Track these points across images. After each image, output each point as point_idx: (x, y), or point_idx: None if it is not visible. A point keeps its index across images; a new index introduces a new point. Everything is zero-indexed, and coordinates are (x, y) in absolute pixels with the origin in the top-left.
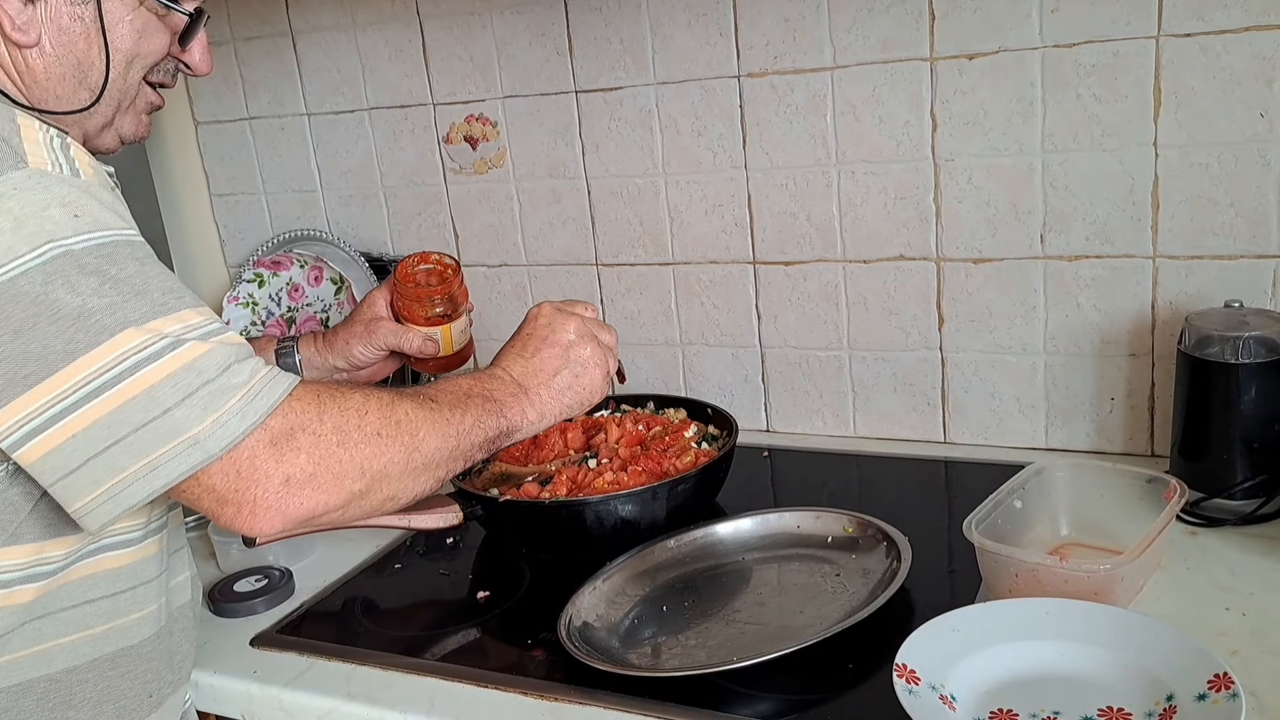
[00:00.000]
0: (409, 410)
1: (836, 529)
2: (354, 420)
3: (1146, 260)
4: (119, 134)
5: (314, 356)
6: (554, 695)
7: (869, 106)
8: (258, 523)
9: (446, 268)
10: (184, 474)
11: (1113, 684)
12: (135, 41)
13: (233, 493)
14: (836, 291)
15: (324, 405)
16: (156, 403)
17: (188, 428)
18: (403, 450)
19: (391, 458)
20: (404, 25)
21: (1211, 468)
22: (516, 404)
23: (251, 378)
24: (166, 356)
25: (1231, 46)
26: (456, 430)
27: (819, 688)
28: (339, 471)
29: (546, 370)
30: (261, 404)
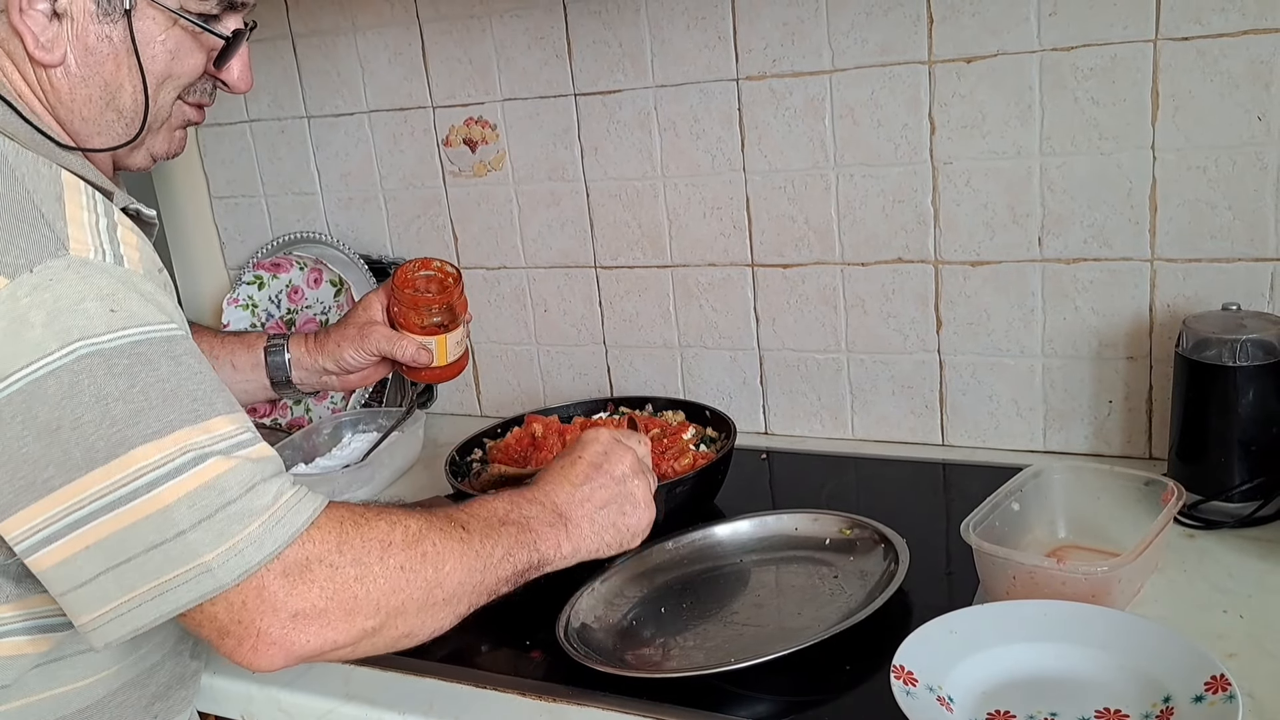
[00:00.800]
0: (436, 542)
1: (834, 531)
2: (376, 553)
3: (1144, 263)
4: (150, 153)
5: (303, 357)
6: (552, 696)
7: (867, 110)
8: (259, 658)
9: (448, 276)
10: (192, 602)
11: (1110, 685)
12: (168, 63)
13: (235, 625)
14: (835, 294)
15: (346, 534)
16: (171, 523)
17: (200, 553)
18: (423, 586)
19: (410, 594)
20: (403, 29)
21: (1209, 470)
22: (553, 535)
23: (275, 501)
24: (187, 474)
25: (1229, 50)
26: (484, 564)
27: (817, 689)
28: (352, 608)
29: (593, 502)
30: (282, 532)
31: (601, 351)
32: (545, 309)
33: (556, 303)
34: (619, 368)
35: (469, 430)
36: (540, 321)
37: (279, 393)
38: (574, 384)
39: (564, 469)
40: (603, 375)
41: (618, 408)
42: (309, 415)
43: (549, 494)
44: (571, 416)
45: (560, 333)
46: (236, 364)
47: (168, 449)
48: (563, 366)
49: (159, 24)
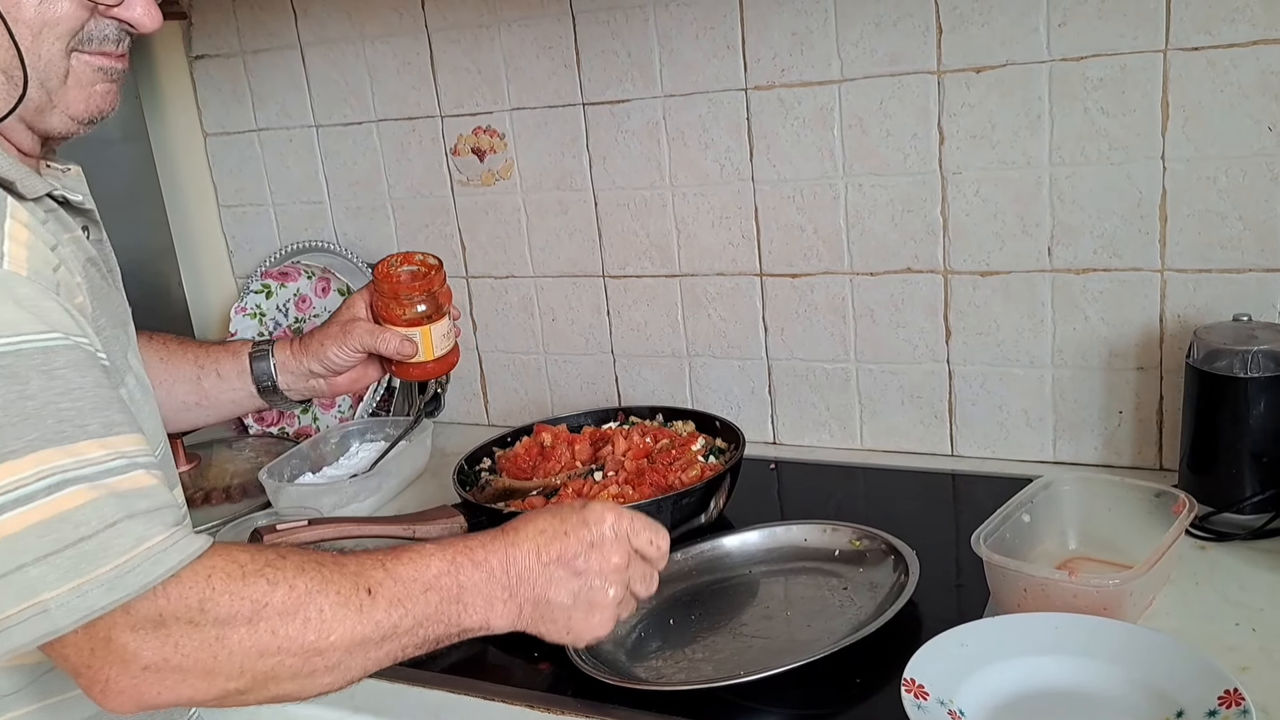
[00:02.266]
0: (325, 609)
1: (844, 542)
2: (245, 614)
3: (1154, 273)
4: (67, 114)
5: (289, 360)
6: (560, 708)
7: (876, 119)
8: (110, 703)
9: (429, 267)
10: (28, 644)
11: (1122, 699)
12: (36, 8)
13: (85, 668)
14: (843, 304)
15: (213, 590)
16: (14, 554)
17: (40, 591)
18: (299, 654)
19: (282, 660)
20: (412, 38)
21: (1220, 482)
22: (486, 610)
23: (137, 545)
24: (40, 501)
25: (1239, 61)
26: (383, 635)
27: (826, 702)
28: (212, 668)
29: (547, 588)
30: (135, 580)
31: (609, 361)
32: (553, 318)
33: (564, 312)
34: (627, 377)
35: (476, 440)
36: (548, 330)
37: (268, 400)
38: (582, 393)
39: (544, 535)
40: (610, 385)
41: (628, 417)
42: (316, 425)
43: (508, 560)
44: (581, 426)
45: (568, 342)
46: (222, 373)
47: (23, 471)
48: (570, 376)
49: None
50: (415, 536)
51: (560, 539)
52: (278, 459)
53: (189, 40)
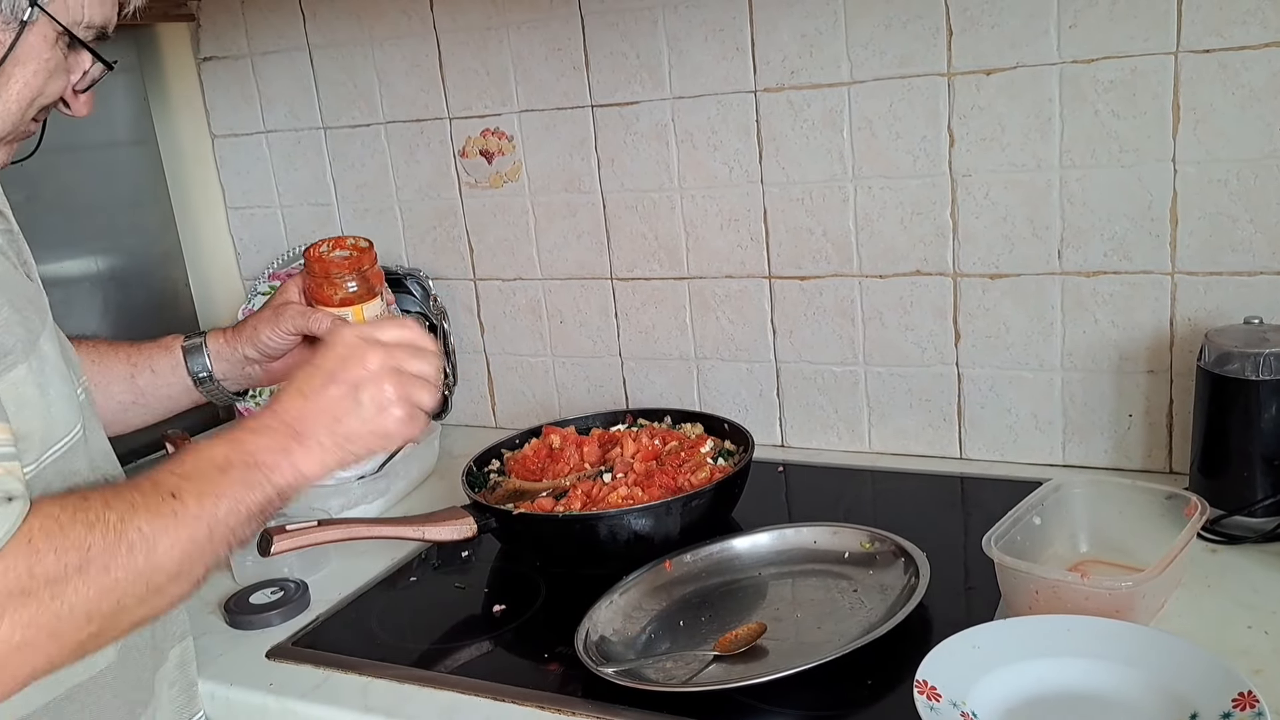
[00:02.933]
0: (142, 526)
1: (854, 544)
2: (75, 561)
3: (1165, 276)
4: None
5: (223, 348)
6: (571, 709)
7: (886, 122)
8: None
9: (360, 249)
10: None
11: (1135, 702)
12: (45, 80)
13: None
14: (852, 306)
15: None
16: None
17: None
18: (138, 579)
19: (125, 591)
20: (420, 40)
21: (1231, 485)
22: (288, 460)
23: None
24: None
25: (1251, 63)
26: (207, 526)
27: (837, 704)
28: (56, 629)
29: (329, 414)
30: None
31: (617, 363)
32: (561, 320)
33: (572, 314)
34: (635, 379)
35: (484, 442)
36: (556, 333)
37: (204, 392)
38: (589, 396)
39: (300, 380)
40: (618, 387)
41: (636, 419)
42: None
43: (279, 412)
44: (589, 428)
45: (576, 344)
46: (156, 369)
47: None
48: (578, 378)
49: (48, 41)
50: (425, 538)
51: (313, 371)
52: None
53: (197, 42)
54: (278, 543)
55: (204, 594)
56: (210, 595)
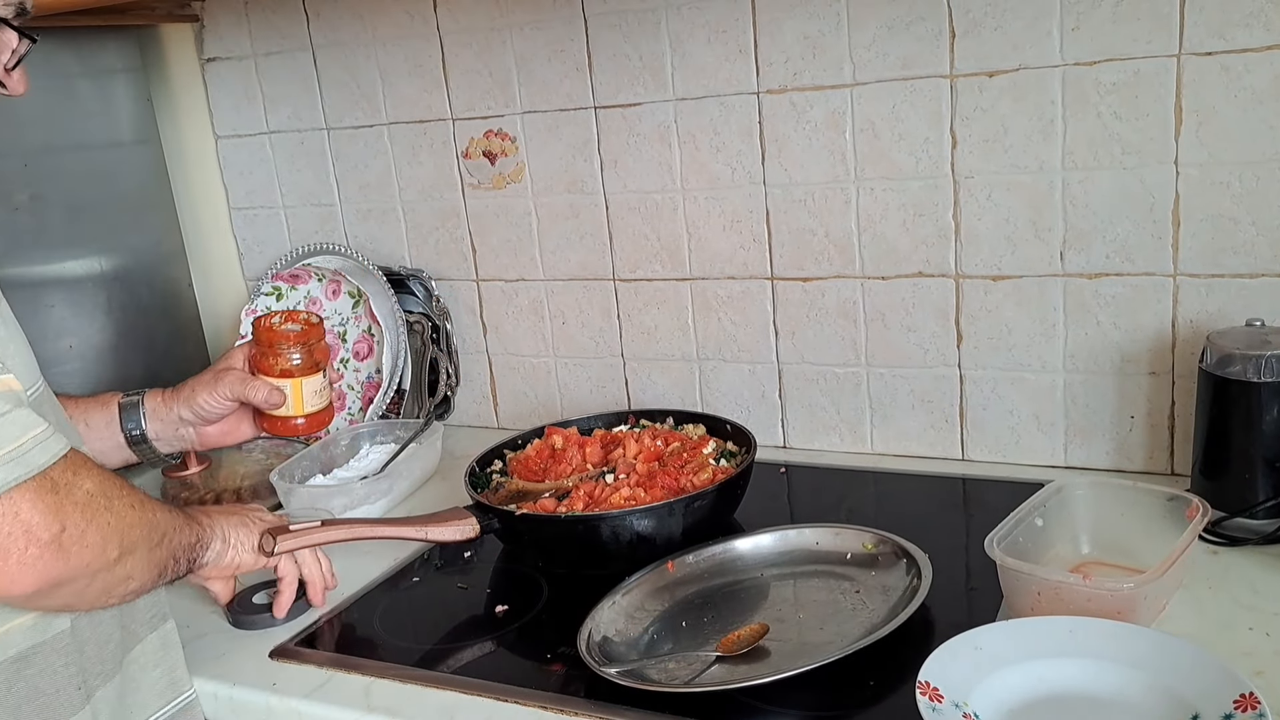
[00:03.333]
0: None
1: (856, 546)
2: (114, 490)
3: (1167, 278)
4: None
5: (159, 407)
6: (574, 710)
7: (888, 123)
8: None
9: (309, 324)
10: None
11: (1137, 703)
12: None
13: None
14: (854, 308)
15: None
16: None
17: None
18: (148, 527)
19: (142, 533)
20: (424, 40)
21: (1233, 487)
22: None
23: (26, 431)
24: None
25: (1253, 65)
26: (174, 524)
27: (840, 704)
28: (105, 534)
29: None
30: (40, 455)
31: (619, 364)
32: (563, 321)
33: (574, 315)
34: (637, 380)
35: (486, 442)
36: (558, 334)
37: (137, 452)
38: (591, 397)
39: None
40: (620, 388)
41: (639, 420)
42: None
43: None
44: (591, 429)
45: (578, 345)
46: (90, 423)
47: None
48: (580, 379)
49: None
50: (428, 539)
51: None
52: (288, 461)
53: (200, 43)
54: (281, 542)
55: (208, 595)
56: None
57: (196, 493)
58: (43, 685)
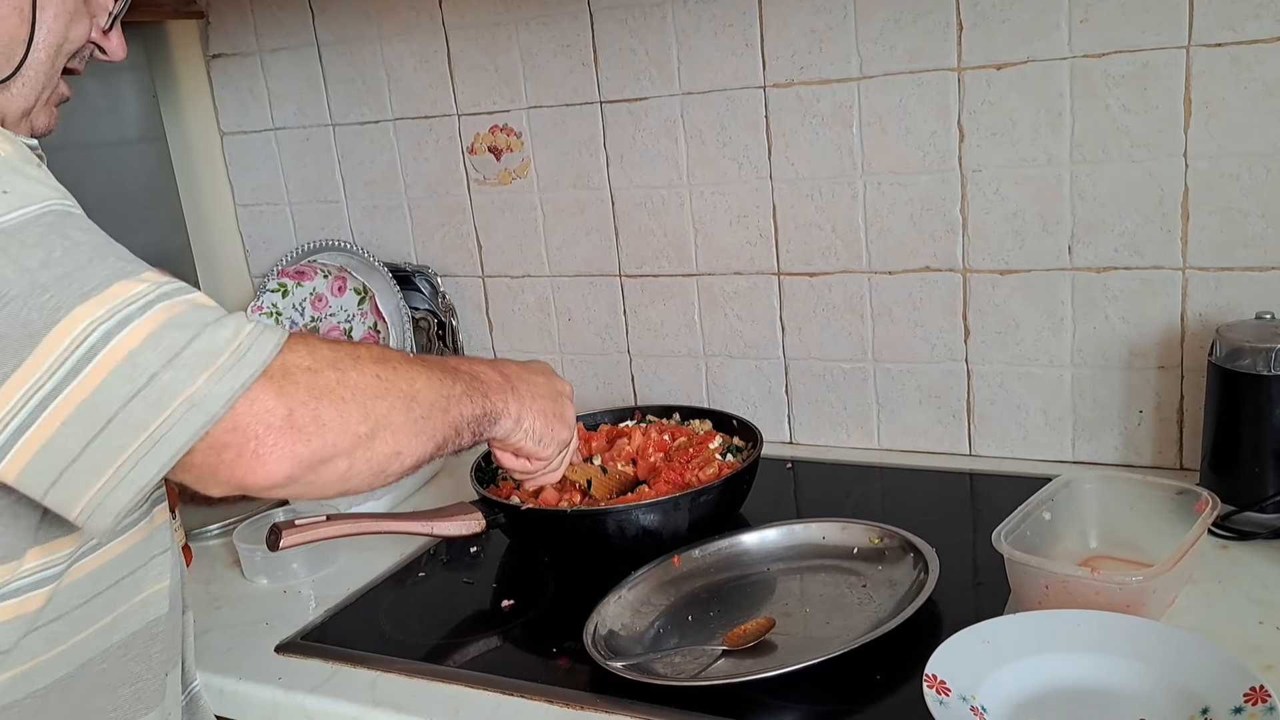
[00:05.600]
0: (399, 363)
1: (863, 540)
2: (348, 362)
3: (1176, 272)
4: (33, 126)
5: None
6: (580, 704)
7: (895, 117)
8: (263, 466)
9: None
10: (187, 443)
11: (1146, 697)
12: (66, 25)
13: (233, 448)
14: (861, 303)
15: (315, 348)
16: (140, 369)
17: (181, 389)
18: (401, 396)
19: (392, 402)
20: (429, 36)
21: (1242, 481)
22: (500, 395)
23: (238, 333)
24: (139, 320)
25: (1263, 57)
26: (448, 392)
27: (847, 698)
28: (343, 410)
29: (534, 385)
30: (255, 356)
31: (626, 360)
32: (569, 318)
33: (580, 311)
34: (643, 377)
35: None
36: (564, 330)
37: None
38: (598, 393)
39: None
40: (627, 384)
41: (645, 416)
42: None
43: (500, 366)
44: (598, 424)
45: (584, 341)
46: None
47: (111, 301)
48: (586, 375)
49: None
50: (434, 533)
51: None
52: None
53: (206, 39)
54: (286, 537)
55: (213, 590)
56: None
57: None
58: (137, 670)
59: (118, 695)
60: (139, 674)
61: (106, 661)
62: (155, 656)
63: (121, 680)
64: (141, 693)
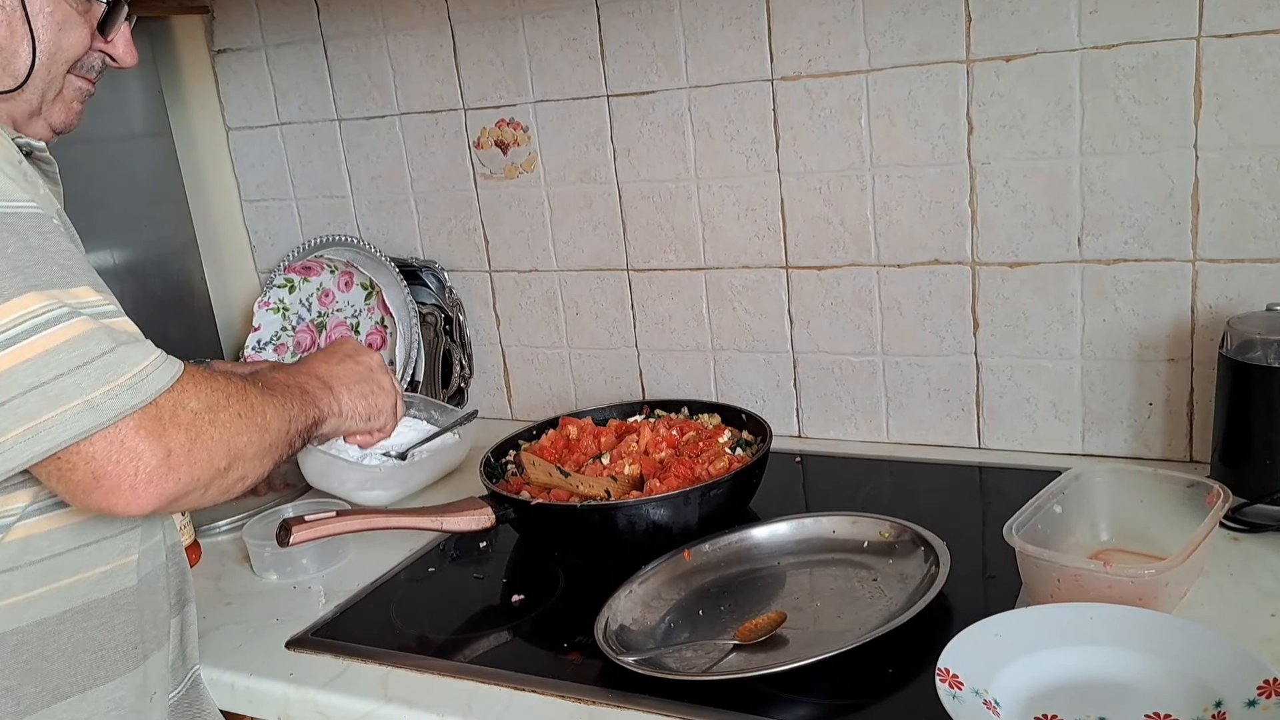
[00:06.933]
0: (255, 398)
1: (873, 534)
2: (221, 401)
3: (1186, 264)
4: (49, 123)
5: None
6: (592, 698)
7: (904, 110)
8: (135, 498)
9: None
10: (69, 440)
11: (1159, 690)
12: (56, 34)
13: (113, 465)
14: (870, 296)
15: (199, 389)
16: (50, 368)
17: (80, 394)
18: (256, 432)
19: (249, 439)
20: (435, 30)
21: (1254, 473)
22: (325, 398)
23: (144, 358)
24: (63, 324)
25: (1274, 48)
26: (289, 415)
27: (859, 692)
28: (211, 449)
29: (348, 378)
30: (152, 384)
31: (633, 355)
32: (577, 312)
33: (588, 305)
34: (651, 371)
35: (499, 434)
36: (572, 325)
37: None
38: (606, 387)
39: (320, 356)
40: (634, 378)
41: (654, 410)
42: None
43: (312, 368)
44: (606, 419)
45: (592, 336)
46: None
47: (45, 301)
48: (594, 370)
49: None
50: (444, 529)
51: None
52: None
53: (211, 34)
54: (296, 533)
55: (223, 586)
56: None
57: None
58: (101, 638)
59: (78, 661)
60: (102, 642)
61: (64, 624)
62: (120, 627)
63: (83, 647)
64: (103, 661)
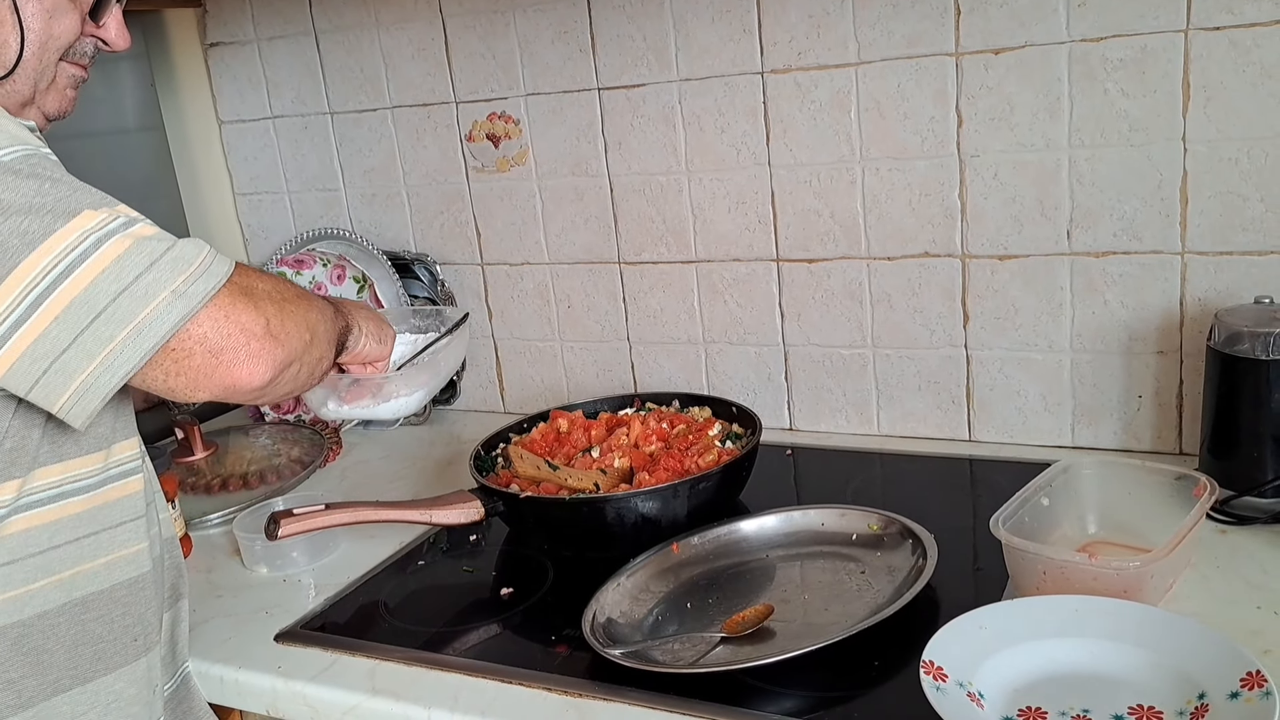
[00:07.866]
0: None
1: (861, 527)
2: (281, 286)
3: (1175, 256)
4: (42, 111)
5: None
6: (579, 691)
7: (894, 103)
8: (256, 366)
9: None
10: (172, 328)
11: (1143, 682)
12: (46, 22)
13: (227, 338)
14: (860, 289)
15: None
16: (128, 270)
17: (164, 286)
18: (318, 316)
19: (317, 316)
20: (427, 24)
21: (1241, 465)
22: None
23: (200, 251)
24: (123, 233)
25: (1262, 40)
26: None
27: (845, 684)
28: (296, 320)
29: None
30: (220, 268)
31: (625, 347)
32: (568, 305)
33: (580, 298)
34: (642, 364)
35: (492, 427)
36: (563, 317)
37: None
38: (597, 380)
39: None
40: (626, 371)
41: (644, 403)
42: None
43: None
44: (597, 412)
45: (583, 329)
46: None
47: (98, 218)
48: (586, 362)
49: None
50: (433, 521)
51: None
52: None
53: (204, 28)
54: (285, 526)
55: (214, 579)
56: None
57: (203, 478)
58: (99, 631)
59: (77, 654)
60: (100, 635)
61: (64, 616)
62: (117, 620)
63: (81, 639)
64: (102, 654)
